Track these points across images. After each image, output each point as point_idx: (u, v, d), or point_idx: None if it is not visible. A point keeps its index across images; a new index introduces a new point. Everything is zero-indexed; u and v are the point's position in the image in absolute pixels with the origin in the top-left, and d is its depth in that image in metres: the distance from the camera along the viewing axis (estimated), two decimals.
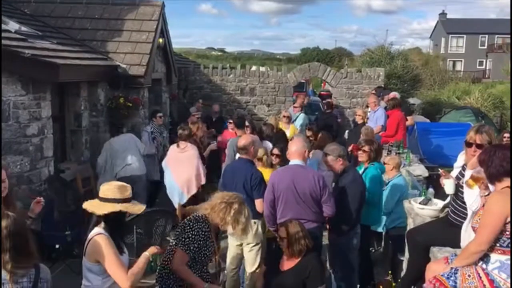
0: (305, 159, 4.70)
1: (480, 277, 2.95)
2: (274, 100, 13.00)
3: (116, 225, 3.25)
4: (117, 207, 3.21)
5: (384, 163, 6.27)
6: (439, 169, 4.74)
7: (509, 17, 63.30)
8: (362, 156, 5.44)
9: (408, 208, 4.82)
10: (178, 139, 6.87)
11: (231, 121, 8.66)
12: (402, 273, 4.63)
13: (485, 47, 48.94)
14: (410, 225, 4.70)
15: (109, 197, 3.27)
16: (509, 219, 2.88)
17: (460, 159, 3.96)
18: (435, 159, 12.17)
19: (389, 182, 6.11)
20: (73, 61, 6.84)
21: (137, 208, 3.33)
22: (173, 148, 6.86)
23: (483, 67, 48.23)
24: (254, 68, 14.22)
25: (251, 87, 12.98)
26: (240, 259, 5.24)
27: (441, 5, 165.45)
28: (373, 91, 10.40)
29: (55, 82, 6.27)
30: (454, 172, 3.97)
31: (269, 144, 6.81)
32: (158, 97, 10.02)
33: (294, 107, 11.14)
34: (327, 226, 4.95)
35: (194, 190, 6.64)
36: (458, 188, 3.80)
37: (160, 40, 9.29)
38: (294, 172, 4.52)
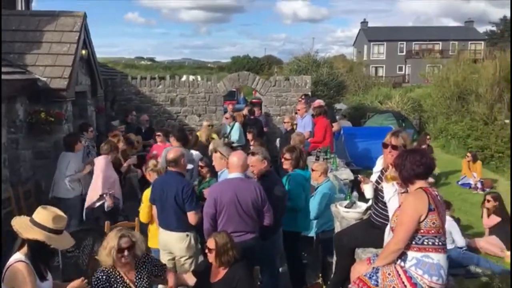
0: (245, 171, 4.74)
1: (399, 275, 3.15)
2: (205, 110, 12.99)
3: (39, 252, 3.13)
4: (41, 237, 3.08)
5: (312, 170, 6.49)
6: (359, 175, 4.98)
7: (425, 25, 67.66)
8: (285, 164, 5.58)
9: (335, 212, 5.02)
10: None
11: (159, 133, 8.56)
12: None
13: (404, 53, 51.96)
14: (337, 228, 4.89)
15: (40, 222, 3.14)
16: (422, 217, 3.10)
17: (379, 164, 4.19)
18: (362, 162, 12.74)
19: (317, 187, 6.34)
20: None
21: (63, 243, 3.26)
22: None
23: (403, 72, 51.15)
24: (184, 78, 14.10)
25: (181, 97, 12.88)
26: None
27: (363, 13, 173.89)
28: (301, 99, 10.70)
29: None
30: (374, 177, 4.20)
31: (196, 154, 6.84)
32: (83, 110, 9.66)
33: (226, 118, 11.22)
34: None
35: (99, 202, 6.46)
36: (378, 191, 4.02)
37: (83, 51, 8.98)
38: (236, 185, 4.54)
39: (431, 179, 11.32)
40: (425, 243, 3.12)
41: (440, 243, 3.14)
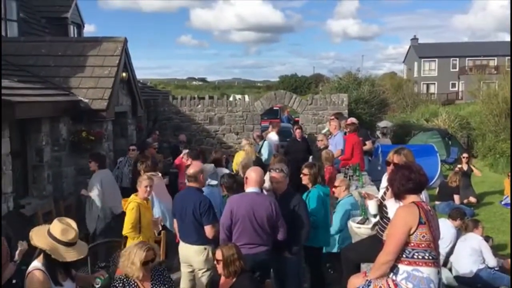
0: (261, 187, 4.92)
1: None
2: (242, 128, 13.29)
3: (51, 259, 3.31)
4: (44, 246, 3.29)
5: (335, 186, 6.54)
6: (361, 191, 5.01)
7: (480, 40, 65.48)
8: (304, 179, 5.67)
9: (350, 227, 5.07)
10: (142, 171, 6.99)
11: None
12: None
13: (457, 69, 50.40)
14: None
15: (52, 232, 3.37)
16: (412, 230, 3.13)
17: (384, 180, 4.23)
18: None
19: (338, 202, 6.40)
20: (33, 98, 7.04)
21: (68, 255, 3.35)
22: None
23: (456, 89, 49.55)
24: (232, 97, 14.53)
25: (219, 116, 13.28)
26: (192, 285, 5.38)
27: (415, 30, 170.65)
28: (332, 117, 10.76)
29: (13, 119, 6.42)
30: (380, 193, 4.25)
31: (224, 171, 7.06)
32: (124, 129, 10.22)
33: (257, 135, 11.44)
34: None
35: None
36: (382, 207, 4.07)
37: (124, 74, 9.55)
38: (252, 199, 4.69)
39: (473, 199, 11.00)
40: (415, 256, 3.14)
41: (430, 257, 3.15)
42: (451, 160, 15.69)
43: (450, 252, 6.98)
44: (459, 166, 12.00)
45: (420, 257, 3.14)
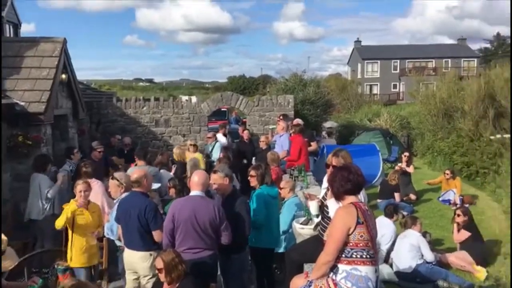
0: (205, 190, 4.88)
1: (330, 287, 3.27)
2: (189, 130, 13.19)
3: None
4: None
5: (281, 188, 6.62)
6: (304, 192, 5.11)
7: (419, 43, 68.53)
8: (252, 181, 5.71)
9: (294, 228, 5.15)
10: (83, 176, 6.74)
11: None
12: None
13: (398, 71, 52.49)
14: None
15: None
16: (351, 230, 3.23)
17: (325, 181, 4.33)
18: None
19: (284, 203, 6.48)
20: None
21: None
22: None
23: (397, 89, 51.59)
24: (182, 98, 14.36)
25: (165, 118, 13.10)
26: None
27: (359, 32, 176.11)
28: (279, 118, 10.89)
29: None
30: (322, 193, 4.34)
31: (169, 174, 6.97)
32: (64, 133, 9.84)
33: (208, 137, 11.41)
34: None
35: None
36: (324, 207, 4.16)
37: (63, 76, 9.20)
38: (195, 203, 4.65)
39: (412, 196, 11.47)
40: (353, 256, 3.25)
41: (368, 256, 3.26)
42: (393, 158, 16.30)
43: (391, 249, 7.25)
44: (399, 164, 12.49)
45: (358, 256, 3.25)
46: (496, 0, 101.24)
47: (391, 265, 7.09)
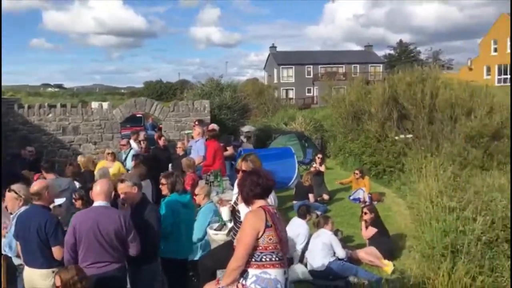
0: (109, 200, 4.63)
1: None
2: (101, 138, 12.62)
3: None
4: None
5: (195, 194, 6.51)
6: (217, 197, 5.10)
7: (330, 49, 71.74)
8: (163, 189, 5.56)
9: (209, 235, 5.09)
10: None
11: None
12: None
13: (311, 76, 54.46)
14: None
15: None
16: (260, 234, 3.24)
17: (236, 186, 4.33)
18: None
19: (200, 209, 6.38)
20: None
21: None
22: None
23: (311, 94, 53.51)
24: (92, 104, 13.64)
25: (74, 125, 12.42)
26: None
27: (275, 38, 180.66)
28: (194, 124, 10.81)
29: None
30: (233, 198, 4.33)
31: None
32: None
33: (121, 144, 10.99)
34: None
35: None
36: (236, 213, 4.15)
37: None
38: (98, 214, 4.41)
39: (325, 196, 11.90)
40: (263, 259, 3.26)
41: (277, 259, 3.29)
42: (307, 160, 16.82)
43: (305, 249, 7.44)
44: (314, 165, 12.91)
45: (267, 259, 3.26)
46: (399, 9, 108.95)
47: (305, 265, 7.27)
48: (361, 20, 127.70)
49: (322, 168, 12.47)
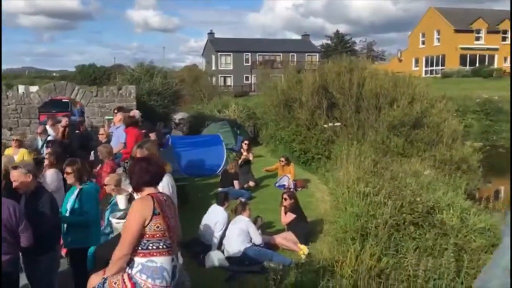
0: None
1: (124, 282, 3.18)
2: (17, 123, 11.93)
3: None
4: None
5: (104, 184, 6.29)
6: (113, 188, 4.97)
7: (270, 37, 72.20)
8: (69, 178, 5.31)
9: (112, 223, 4.94)
10: None
11: None
12: None
13: (249, 64, 54.58)
14: None
15: None
16: (147, 222, 3.18)
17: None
18: (194, 170, 12.97)
19: (112, 200, 6.19)
20: None
21: None
22: None
23: (249, 81, 53.69)
24: (20, 88, 12.74)
25: None
26: None
27: (215, 24, 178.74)
28: (115, 111, 10.48)
29: None
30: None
31: None
32: None
33: (38, 132, 10.45)
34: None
35: None
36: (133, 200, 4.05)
37: None
38: None
39: (252, 183, 12.00)
40: (149, 247, 3.20)
41: (165, 246, 3.25)
42: (238, 148, 16.86)
43: (223, 236, 7.47)
44: (243, 154, 12.97)
45: (154, 247, 3.21)
46: (337, 0, 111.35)
47: (223, 251, 7.30)
48: (300, 10, 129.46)
49: (250, 157, 12.55)
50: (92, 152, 9.99)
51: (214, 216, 7.60)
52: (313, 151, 15.98)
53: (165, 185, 4.13)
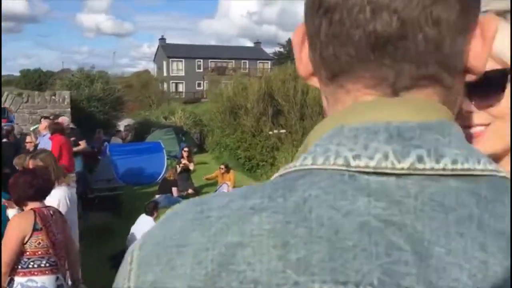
0: None
1: None
2: None
3: None
4: None
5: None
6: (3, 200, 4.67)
7: (223, 44, 72.29)
8: None
9: None
10: None
11: None
12: None
13: (201, 70, 54.26)
14: None
15: None
16: (26, 238, 2.95)
17: None
18: (133, 178, 12.60)
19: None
20: None
21: None
22: None
23: (201, 88, 53.34)
24: None
25: None
26: None
27: (167, 30, 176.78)
28: (42, 120, 10.08)
29: None
30: None
31: None
32: None
33: None
34: None
35: None
36: None
37: None
38: None
39: (191, 190, 11.80)
40: (30, 266, 2.97)
41: (48, 264, 3.02)
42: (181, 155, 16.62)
43: None
44: (183, 162, 12.75)
45: (36, 265, 2.98)
46: (289, 8, 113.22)
47: None
48: (254, 18, 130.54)
49: (191, 166, 12.38)
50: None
51: (142, 227, 7.34)
52: (258, 158, 15.98)
53: (62, 198, 3.89)
